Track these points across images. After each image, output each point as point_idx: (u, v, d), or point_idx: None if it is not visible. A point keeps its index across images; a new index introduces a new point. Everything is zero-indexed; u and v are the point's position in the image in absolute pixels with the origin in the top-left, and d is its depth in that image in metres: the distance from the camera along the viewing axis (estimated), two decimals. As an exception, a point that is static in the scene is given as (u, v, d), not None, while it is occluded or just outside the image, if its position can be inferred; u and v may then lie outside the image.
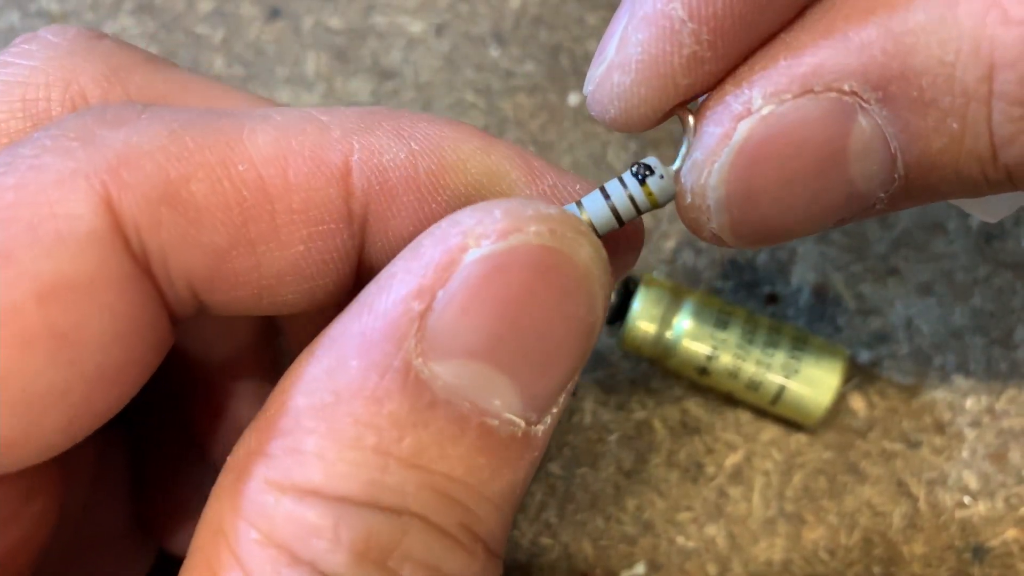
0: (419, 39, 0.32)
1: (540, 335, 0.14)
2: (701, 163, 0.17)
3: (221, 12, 0.33)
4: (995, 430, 0.28)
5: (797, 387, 0.26)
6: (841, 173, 0.17)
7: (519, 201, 0.15)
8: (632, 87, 0.17)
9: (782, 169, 0.17)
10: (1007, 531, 0.28)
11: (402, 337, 0.14)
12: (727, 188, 0.17)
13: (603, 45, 0.18)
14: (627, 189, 0.17)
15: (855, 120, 0.16)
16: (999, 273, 0.30)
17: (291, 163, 0.16)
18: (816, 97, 0.16)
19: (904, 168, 0.17)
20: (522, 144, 0.31)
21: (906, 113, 0.16)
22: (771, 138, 0.16)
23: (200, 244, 0.15)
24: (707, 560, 0.27)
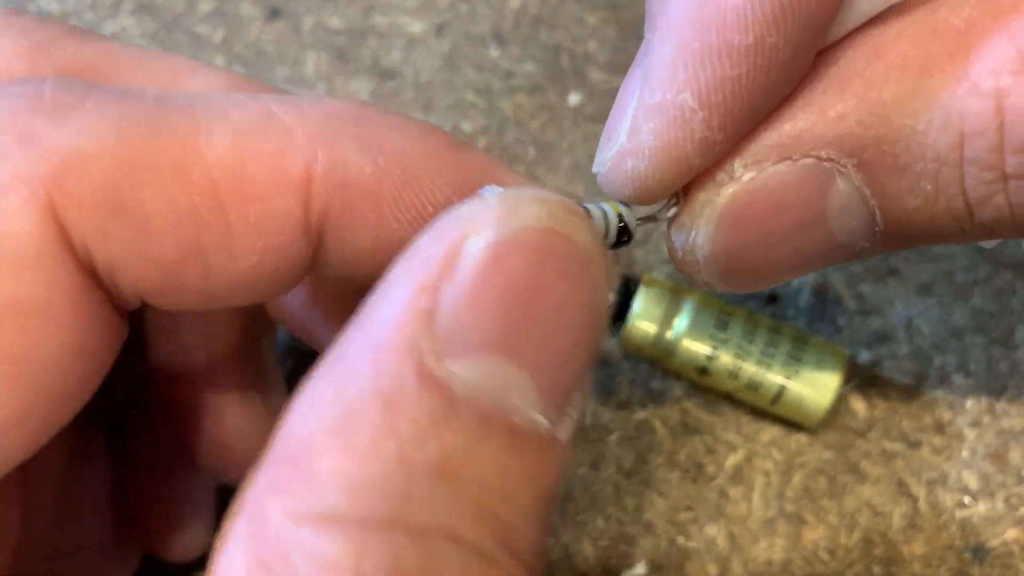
0: (419, 39, 0.32)
1: (551, 321, 0.14)
2: (688, 225, 0.18)
3: (221, 12, 0.33)
4: (995, 430, 0.28)
5: (797, 387, 0.26)
6: (822, 230, 0.18)
7: (514, 188, 0.14)
8: (647, 171, 0.18)
9: (764, 229, 0.18)
10: (1007, 531, 0.28)
11: (413, 338, 0.13)
12: (712, 247, 0.18)
13: (612, 128, 0.18)
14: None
15: (833, 182, 0.17)
16: (999, 273, 0.30)
17: (249, 171, 0.15)
18: (794, 164, 0.17)
19: (883, 223, 0.18)
20: (523, 144, 0.31)
21: (881, 177, 0.17)
22: (752, 202, 0.17)
23: (150, 256, 0.15)
24: (707, 560, 0.27)
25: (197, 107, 0.15)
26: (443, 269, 0.13)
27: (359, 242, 0.16)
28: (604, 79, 0.32)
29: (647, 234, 0.30)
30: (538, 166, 0.31)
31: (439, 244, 0.13)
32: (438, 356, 0.13)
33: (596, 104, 0.31)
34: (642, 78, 0.18)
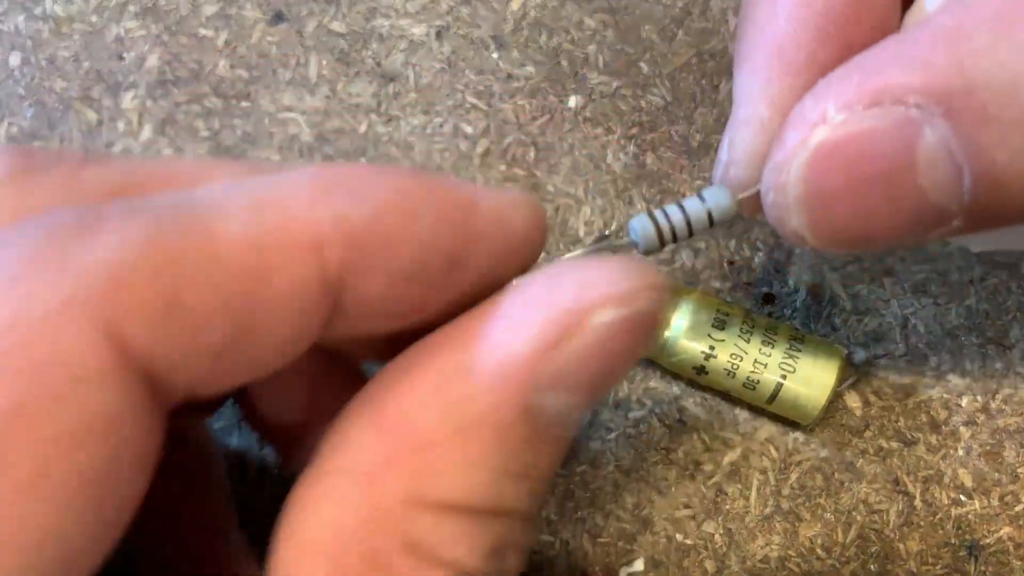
0: (420, 42, 0.33)
1: (619, 373, 0.18)
2: (782, 163, 0.19)
3: (225, 15, 0.33)
4: (990, 429, 0.29)
5: (794, 386, 0.27)
6: (910, 181, 0.18)
7: (637, 267, 0.17)
8: (747, 174, 0.21)
9: (853, 172, 0.18)
10: (1002, 528, 0.28)
11: (531, 380, 0.16)
12: (804, 187, 0.19)
13: (718, 152, 0.22)
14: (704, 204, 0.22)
15: (921, 132, 0.17)
16: (994, 273, 0.30)
17: (267, 247, 0.15)
18: (884, 109, 0.18)
19: (971, 182, 0.18)
20: (523, 146, 0.31)
21: (968, 128, 0.17)
22: (843, 143, 0.18)
23: (201, 349, 0.15)
24: (705, 557, 0.28)
25: (207, 202, 0.16)
26: (571, 330, 0.16)
27: (376, 284, 0.17)
28: (604, 82, 0.32)
29: (646, 235, 0.30)
30: (538, 168, 0.31)
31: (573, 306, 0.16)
32: (542, 393, 0.16)
33: (595, 107, 0.32)
34: (734, 102, 0.21)
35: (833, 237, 0.19)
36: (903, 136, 0.18)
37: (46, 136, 0.32)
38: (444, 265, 0.17)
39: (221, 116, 0.32)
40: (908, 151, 0.18)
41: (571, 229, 0.30)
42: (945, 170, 0.18)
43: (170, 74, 0.32)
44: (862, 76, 0.18)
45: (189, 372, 0.15)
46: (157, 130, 0.32)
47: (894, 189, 0.18)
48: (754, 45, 0.21)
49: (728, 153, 0.21)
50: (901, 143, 0.18)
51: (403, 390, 0.17)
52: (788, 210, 0.19)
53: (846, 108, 0.18)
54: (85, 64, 0.33)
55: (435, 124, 0.32)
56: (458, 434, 0.16)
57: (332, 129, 0.32)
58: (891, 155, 0.18)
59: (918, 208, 0.18)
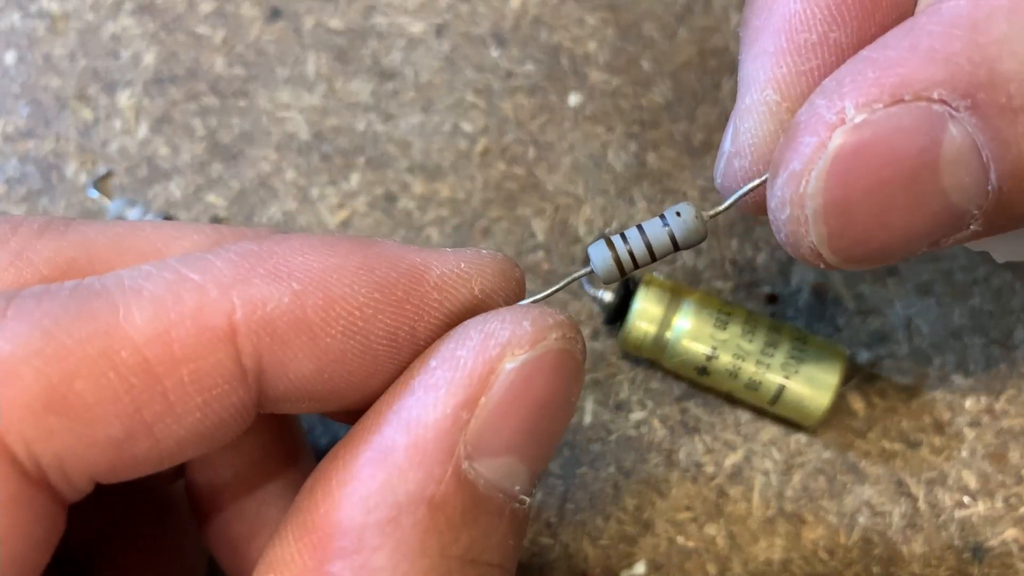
0: (419, 39, 0.32)
1: (552, 424, 0.17)
2: (799, 172, 0.17)
3: (222, 12, 0.33)
4: (994, 430, 0.28)
5: (796, 387, 0.26)
6: (934, 183, 0.17)
7: (538, 311, 0.17)
8: (752, 167, 0.19)
9: (877, 177, 0.17)
10: (1007, 531, 0.28)
11: (453, 445, 0.16)
12: (825, 196, 0.17)
13: (721, 142, 0.20)
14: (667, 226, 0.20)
15: (946, 129, 0.16)
16: (998, 273, 0.30)
17: (174, 338, 0.15)
18: (907, 106, 0.16)
19: (997, 179, 0.17)
20: (523, 144, 0.31)
21: (996, 120, 0.16)
22: (866, 145, 0.16)
23: (95, 442, 0.15)
24: (707, 560, 0.27)
25: (112, 289, 0.16)
26: (482, 384, 0.16)
27: (302, 368, 0.16)
28: (604, 79, 0.32)
29: (647, 234, 0.30)
30: (538, 166, 0.31)
31: (480, 361, 0.16)
32: (471, 459, 0.16)
33: (596, 104, 0.32)
34: (738, 90, 0.20)
35: (851, 251, 0.18)
36: (928, 132, 0.16)
37: (42, 134, 0.32)
38: (386, 342, 0.17)
39: (218, 114, 0.32)
40: (934, 149, 0.16)
41: (571, 228, 0.30)
42: (970, 168, 0.17)
43: (167, 72, 0.32)
44: (879, 71, 0.17)
45: (90, 464, 0.15)
46: (153, 128, 0.32)
47: (917, 193, 0.17)
48: (762, 26, 0.19)
49: (732, 143, 0.20)
50: (927, 141, 0.16)
51: (329, 488, 0.16)
52: (806, 224, 0.17)
53: (866, 106, 0.16)
54: (81, 62, 0.32)
55: (434, 122, 0.32)
56: (390, 524, 0.15)
57: (330, 127, 0.32)
58: (917, 155, 0.17)
59: (940, 212, 0.17)
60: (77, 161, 0.31)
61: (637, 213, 0.30)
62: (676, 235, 0.19)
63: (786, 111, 0.19)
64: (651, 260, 0.19)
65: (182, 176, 0.31)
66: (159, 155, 0.31)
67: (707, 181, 0.31)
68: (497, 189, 0.31)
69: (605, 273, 0.19)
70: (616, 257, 0.19)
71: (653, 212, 0.30)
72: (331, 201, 0.31)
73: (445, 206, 0.31)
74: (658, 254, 0.19)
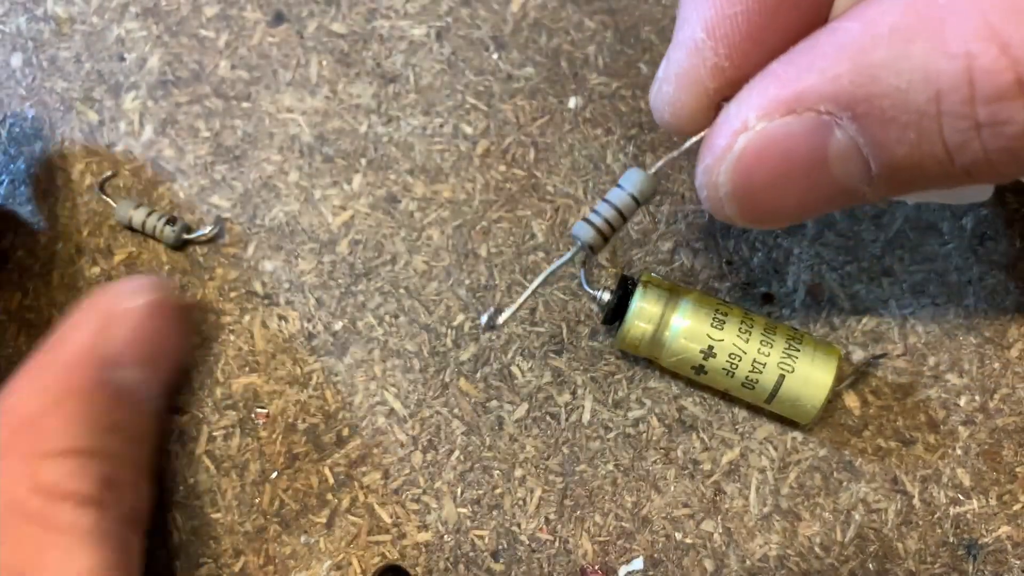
0: (421, 43, 0.33)
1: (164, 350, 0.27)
2: (712, 167, 0.22)
3: (226, 16, 0.33)
4: (988, 428, 0.29)
5: (792, 385, 0.27)
6: (825, 174, 0.21)
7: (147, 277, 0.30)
8: (676, 93, 0.23)
9: (775, 171, 0.21)
10: (1000, 528, 0.28)
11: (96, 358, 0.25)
12: (732, 185, 0.22)
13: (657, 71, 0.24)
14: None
15: (832, 133, 0.20)
16: (992, 273, 0.30)
17: None
18: (798, 116, 0.20)
19: (877, 168, 0.21)
20: (522, 147, 0.31)
21: (873, 128, 0.20)
22: (764, 147, 0.21)
23: None
24: (704, 556, 0.28)
25: None
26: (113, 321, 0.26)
27: None
28: (603, 82, 0.32)
29: (645, 234, 0.31)
30: (538, 168, 0.31)
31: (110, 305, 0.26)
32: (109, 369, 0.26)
33: (595, 107, 0.32)
34: (675, 26, 0.23)
35: (760, 220, 0.23)
36: (816, 137, 0.20)
37: (48, 137, 0.32)
38: None
39: (222, 117, 0.32)
40: (821, 149, 0.21)
41: (571, 229, 0.31)
42: (854, 161, 0.21)
43: (171, 75, 0.33)
44: (779, 86, 0.21)
45: None
46: (158, 130, 0.32)
47: (811, 180, 0.21)
48: None
49: (663, 71, 0.23)
50: (815, 143, 0.21)
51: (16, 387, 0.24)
52: (720, 202, 0.22)
53: (766, 116, 0.21)
54: (86, 65, 0.33)
55: (435, 124, 0.32)
56: (57, 406, 0.24)
57: (332, 129, 0.32)
58: (807, 154, 0.21)
59: (833, 191, 0.21)
60: (83, 163, 0.32)
61: (636, 214, 0.31)
62: (635, 194, 0.24)
63: (710, 51, 0.22)
64: (623, 220, 0.24)
65: (186, 177, 0.31)
66: (164, 157, 0.32)
67: (704, 182, 0.31)
68: (497, 190, 0.31)
69: (593, 240, 0.24)
70: (596, 228, 0.24)
71: (651, 213, 0.31)
72: (333, 202, 0.31)
73: (446, 207, 0.31)
74: (626, 213, 0.24)
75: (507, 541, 0.28)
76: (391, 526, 0.28)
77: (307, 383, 0.29)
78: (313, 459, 0.29)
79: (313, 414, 0.29)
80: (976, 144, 0.19)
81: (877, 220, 0.30)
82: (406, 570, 0.27)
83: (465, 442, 0.29)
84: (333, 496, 0.28)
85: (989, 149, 0.19)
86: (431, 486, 0.28)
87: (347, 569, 0.28)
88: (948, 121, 0.19)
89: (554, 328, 0.30)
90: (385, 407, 0.29)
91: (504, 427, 0.29)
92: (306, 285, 0.30)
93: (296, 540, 0.28)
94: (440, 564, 0.28)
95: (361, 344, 0.30)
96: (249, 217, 0.31)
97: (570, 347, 0.30)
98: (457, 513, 0.28)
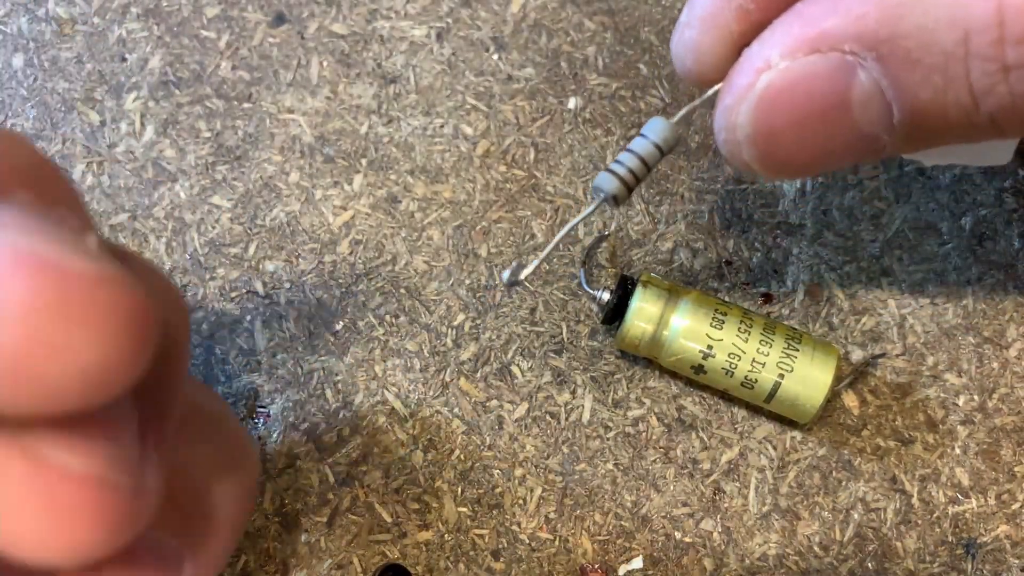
0: (421, 44, 0.33)
1: None
2: (731, 106, 0.21)
3: (227, 17, 0.33)
4: (987, 427, 0.29)
5: (791, 385, 0.27)
6: (846, 117, 0.20)
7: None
8: (699, 37, 0.22)
9: (796, 112, 0.21)
10: (999, 527, 0.28)
11: None
12: (752, 127, 0.21)
13: (680, 15, 0.23)
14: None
15: (855, 75, 0.20)
16: (991, 273, 0.30)
17: None
18: (822, 55, 0.20)
19: (899, 116, 0.20)
20: (523, 147, 0.32)
21: (897, 70, 0.19)
22: (786, 87, 0.20)
23: None
24: (703, 555, 0.28)
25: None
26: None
27: None
28: (603, 83, 0.32)
29: (645, 234, 0.31)
30: (538, 168, 0.31)
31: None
32: None
33: (595, 107, 0.32)
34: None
35: (778, 167, 0.22)
36: (840, 78, 0.20)
37: (49, 137, 0.32)
38: None
39: (223, 117, 0.32)
40: (844, 91, 0.20)
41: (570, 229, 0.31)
42: (877, 106, 0.20)
43: (172, 75, 0.33)
44: (803, 25, 0.20)
45: None
46: (159, 131, 0.32)
47: (832, 124, 0.21)
48: None
49: (686, 15, 0.23)
50: (838, 84, 0.20)
51: None
52: (738, 146, 0.22)
53: (788, 55, 0.20)
54: (88, 65, 0.33)
55: (435, 125, 0.32)
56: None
57: (333, 130, 0.32)
58: (829, 95, 0.20)
59: (853, 138, 0.21)
60: (84, 163, 0.32)
61: (635, 215, 0.31)
62: (659, 143, 0.23)
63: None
64: (647, 170, 0.23)
65: (187, 178, 0.32)
66: (165, 157, 0.32)
67: (703, 182, 0.31)
68: (497, 191, 0.31)
69: (617, 190, 0.23)
70: (620, 178, 0.23)
71: (651, 214, 0.31)
72: (334, 203, 0.31)
73: (446, 207, 0.31)
74: (650, 163, 0.23)
75: (507, 540, 0.28)
76: (392, 525, 0.28)
77: (308, 383, 0.30)
78: (314, 458, 0.29)
79: (314, 414, 0.29)
80: (1003, 88, 0.19)
81: (876, 220, 0.31)
82: (407, 569, 0.28)
83: (465, 441, 0.29)
84: (334, 495, 0.28)
85: (1016, 93, 0.19)
86: (431, 485, 0.29)
87: (348, 568, 0.28)
88: (975, 63, 0.19)
89: (554, 328, 0.30)
90: (386, 406, 0.29)
91: (504, 426, 0.29)
92: (307, 285, 0.30)
93: (297, 539, 0.28)
94: (440, 563, 0.28)
95: (362, 344, 0.30)
96: (250, 217, 0.31)
97: (570, 347, 0.30)
98: (457, 512, 0.28)
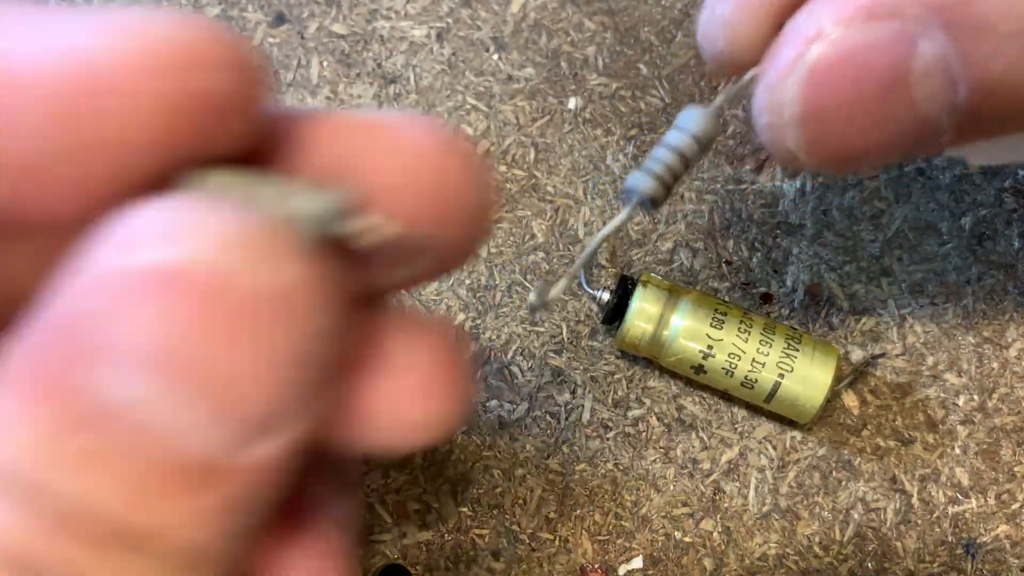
0: (421, 44, 0.33)
1: None
2: (777, 84, 0.18)
3: (227, 17, 0.33)
4: (987, 428, 0.29)
5: (791, 385, 0.27)
6: (905, 94, 0.18)
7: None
8: (733, 12, 0.19)
9: (851, 88, 0.18)
10: (999, 527, 0.28)
11: None
12: (802, 105, 0.18)
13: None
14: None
15: (917, 45, 0.17)
16: (990, 273, 0.30)
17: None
18: (881, 22, 0.17)
19: (965, 93, 0.18)
20: (523, 147, 0.32)
21: (965, 39, 0.17)
22: (840, 58, 0.18)
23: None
24: (703, 555, 0.28)
25: None
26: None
27: None
28: (603, 83, 0.32)
29: (645, 234, 0.31)
30: (538, 168, 0.31)
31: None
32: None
33: (595, 107, 0.32)
34: None
35: (826, 155, 0.19)
36: (900, 49, 0.17)
37: (50, 137, 0.32)
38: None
39: (223, 117, 0.32)
40: (904, 64, 0.17)
41: (570, 229, 0.31)
42: (940, 82, 0.18)
43: (173, 76, 0.33)
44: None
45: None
46: (160, 131, 0.32)
47: (889, 103, 0.18)
48: None
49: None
50: (898, 56, 0.17)
51: None
52: (783, 129, 0.19)
53: (843, 23, 0.17)
54: (89, 66, 0.33)
55: (436, 125, 0.32)
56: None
57: (333, 130, 0.32)
58: (888, 69, 0.18)
59: (911, 121, 0.18)
60: (85, 163, 0.32)
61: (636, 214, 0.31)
62: (697, 134, 0.20)
63: None
64: (685, 167, 0.20)
65: (188, 178, 0.32)
66: None
67: (703, 182, 0.31)
68: (497, 191, 0.31)
69: (653, 191, 0.20)
70: (656, 175, 0.20)
71: (651, 214, 0.31)
72: (334, 202, 0.31)
73: (446, 207, 0.31)
74: (689, 157, 0.20)
75: (507, 540, 0.28)
76: (392, 525, 0.28)
77: (308, 383, 0.30)
78: (314, 458, 0.29)
79: (314, 413, 0.29)
80: None
81: (876, 220, 0.31)
82: (407, 569, 0.28)
83: (465, 441, 0.29)
84: (334, 495, 0.29)
85: None
86: (431, 485, 0.29)
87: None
88: None
89: (554, 328, 0.30)
90: (386, 406, 0.29)
91: (504, 426, 0.29)
92: (307, 285, 0.30)
93: (297, 539, 0.28)
94: (441, 563, 0.28)
95: (362, 344, 0.30)
96: (250, 217, 0.31)
97: (570, 347, 0.30)
98: (457, 512, 0.28)
